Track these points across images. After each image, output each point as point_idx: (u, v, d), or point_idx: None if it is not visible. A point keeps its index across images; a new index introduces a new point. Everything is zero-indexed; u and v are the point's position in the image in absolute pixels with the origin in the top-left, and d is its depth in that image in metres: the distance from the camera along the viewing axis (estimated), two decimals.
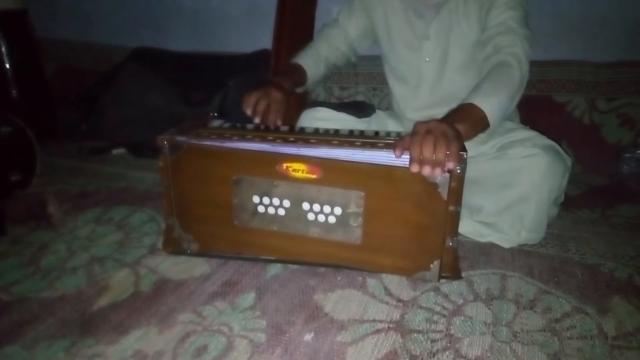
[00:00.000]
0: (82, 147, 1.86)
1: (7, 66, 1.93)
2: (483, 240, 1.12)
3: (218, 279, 1.00)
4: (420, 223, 0.92)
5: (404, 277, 0.98)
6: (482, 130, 0.94)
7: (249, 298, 0.93)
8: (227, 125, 1.11)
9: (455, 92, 1.13)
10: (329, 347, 0.79)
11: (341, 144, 0.95)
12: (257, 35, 1.97)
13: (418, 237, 0.94)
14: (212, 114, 1.18)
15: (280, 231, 1.00)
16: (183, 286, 0.98)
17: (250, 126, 1.09)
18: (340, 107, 1.30)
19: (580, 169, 1.59)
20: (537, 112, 1.60)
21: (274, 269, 1.03)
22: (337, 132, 1.05)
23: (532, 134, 1.11)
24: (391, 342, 0.80)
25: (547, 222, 1.09)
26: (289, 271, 1.02)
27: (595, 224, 1.23)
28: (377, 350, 0.78)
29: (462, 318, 0.86)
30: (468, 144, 0.90)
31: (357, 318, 0.86)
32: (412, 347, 0.79)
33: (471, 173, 0.94)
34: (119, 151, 1.86)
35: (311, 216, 0.97)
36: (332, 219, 0.96)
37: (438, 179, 0.87)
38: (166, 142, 1.00)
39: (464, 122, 0.89)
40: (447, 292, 0.94)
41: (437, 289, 0.95)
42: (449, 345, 0.80)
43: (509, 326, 0.84)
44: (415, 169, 0.84)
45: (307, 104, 1.43)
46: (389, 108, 1.50)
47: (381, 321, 0.86)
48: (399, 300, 0.92)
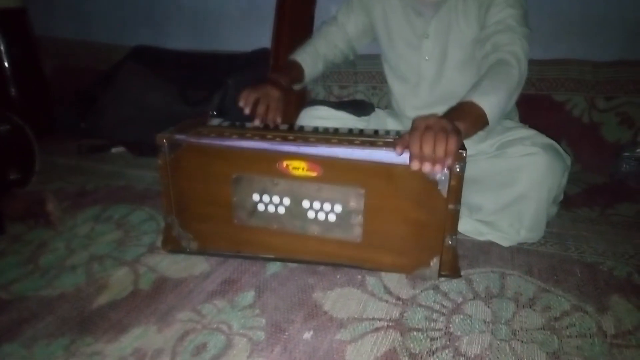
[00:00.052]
0: (81, 145, 1.86)
1: (6, 65, 1.93)
2: (482, 238, 1.12)
3: (217, 277, 1.00)
4: (420, 220, 0.93)
5: (403, 275, 0.98)
6: (482, 128, 0.94)
7: (248, 296, 0.93)
8: (226, 123, 1.11)
9: (455, 91, 1.13)
10: (328, 346, 0.79)
11: (340, 143, 0.94)
12: (256, 34, 1.97)
13: (418, 234, 0.94)
14: (212, 112, 1.18)
15: (280, 229, 1.00)
16: (182, 284, 0.98)
17: (250, 125, 1.09)
18: (339, 105, 1.30)
19: (579, 167, 1.59)
20: (536, 110, 1.61)
21: (273, 267, 1.03)
22: (336, 130, 1.05)
23: (531, 132, 1.11)
24: (390, 341, 0.80)
25: (547, 220, 1.09)
26: (288, 269, 1.02)
27: (595, 223, 1.23)
28: (376, 349, 0.78)
29: (462, 316, 0.86)
30: (467, 142, 0.90)
31: (356, 316, 0.87)
32: (412, 345, 0.79)
33: (470, 172, 0.94)
34: (118, 150, 1.86)
35: (311, 214, 0.97)
36: (332, 217, 0.96)
37: (438, 177, 0.87)
38: (165, 141, 1.00)
39: (463, 120, 0.89)
40: (447, 290, 0.94)
41: (436, 288, 0.95)
42: (448, 343, 0.80)
43: (508, 324, 0.84)
44: (415, 166, 0.83)
45: (307, 102, 1.43)
46: (388, 107, 1.50)
47: (380, 319, 0.86)
48: (398, 298, 0.92)
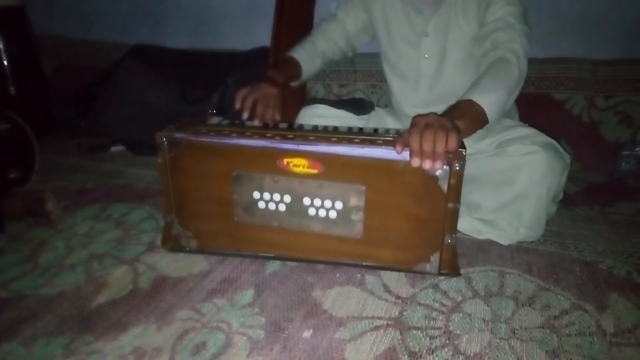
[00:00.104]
0: (80, 144, 1.86)
1: (5, 63, 1.92)
2: (482, 237, 1.12)
3: (217, 276, 1.00)
4: (421, 216, 0.93)
5: (402, 273, 0.98)
6: (481, 127, 0.94)
7: (248, 295, 0.93)
8: (225, 122, 1.11)
9: (454, 89, 1.13)
10: (327, 344, 0.79)
11: (340, 141, 0.94)
12: (256, 33, 1.96)
13: (418, 230, 0.94)
14: (211, 111, 1.18)
15: (281, 227, 1.00)
16: (182, 283, 0.98)
17: (249, 123, 1.09)
18: (339, 104, 1.30)
19: (578, 166, 1.59)
20: (536, 109, 1.60)
21: (273, 266, 1.03)
22: (335, 129, 1.05)
23: (531, 131, 1.11)
24: (390, 339, 0.80)
25: (546, 219, 1.09)
26: (287, 268, 1.02)
27: (594, 222, 1.23)
28: (375, 347, 0.79)
29: (461, 315, 0.86)
30: (467, 141, 0.90)
31: (355, 315, 0.87)
32: (411, 343, 0.79)
33: (470, 170, 0.94)
34: (117, 148, 1.86)
35: (312, 211, 0.97)
36: (333, 214, 0.96)
37: (438, 172, 0.87)
38: (165, 139, 1.00)
39: (462, 119, 0.88)
40: (446, 289, 0.94)
41: (435, 286, 0.95)
42: (447, 342, 0.80)
43: (507, 323, 0.84)
44: (416, 163, 0.83)
45: (306, 101, 1.43)
46: (387, 105, 1.50)
47: (380, 318, 0.86)
48: (397, 297, 0.92)
